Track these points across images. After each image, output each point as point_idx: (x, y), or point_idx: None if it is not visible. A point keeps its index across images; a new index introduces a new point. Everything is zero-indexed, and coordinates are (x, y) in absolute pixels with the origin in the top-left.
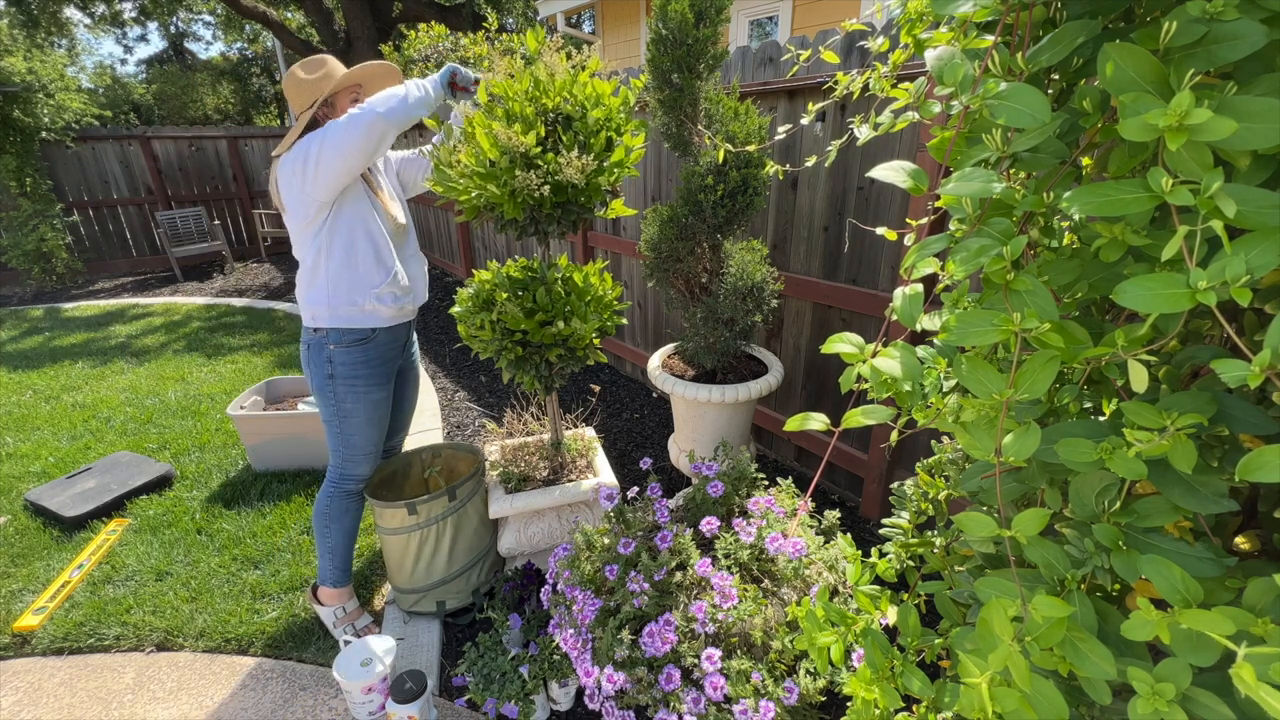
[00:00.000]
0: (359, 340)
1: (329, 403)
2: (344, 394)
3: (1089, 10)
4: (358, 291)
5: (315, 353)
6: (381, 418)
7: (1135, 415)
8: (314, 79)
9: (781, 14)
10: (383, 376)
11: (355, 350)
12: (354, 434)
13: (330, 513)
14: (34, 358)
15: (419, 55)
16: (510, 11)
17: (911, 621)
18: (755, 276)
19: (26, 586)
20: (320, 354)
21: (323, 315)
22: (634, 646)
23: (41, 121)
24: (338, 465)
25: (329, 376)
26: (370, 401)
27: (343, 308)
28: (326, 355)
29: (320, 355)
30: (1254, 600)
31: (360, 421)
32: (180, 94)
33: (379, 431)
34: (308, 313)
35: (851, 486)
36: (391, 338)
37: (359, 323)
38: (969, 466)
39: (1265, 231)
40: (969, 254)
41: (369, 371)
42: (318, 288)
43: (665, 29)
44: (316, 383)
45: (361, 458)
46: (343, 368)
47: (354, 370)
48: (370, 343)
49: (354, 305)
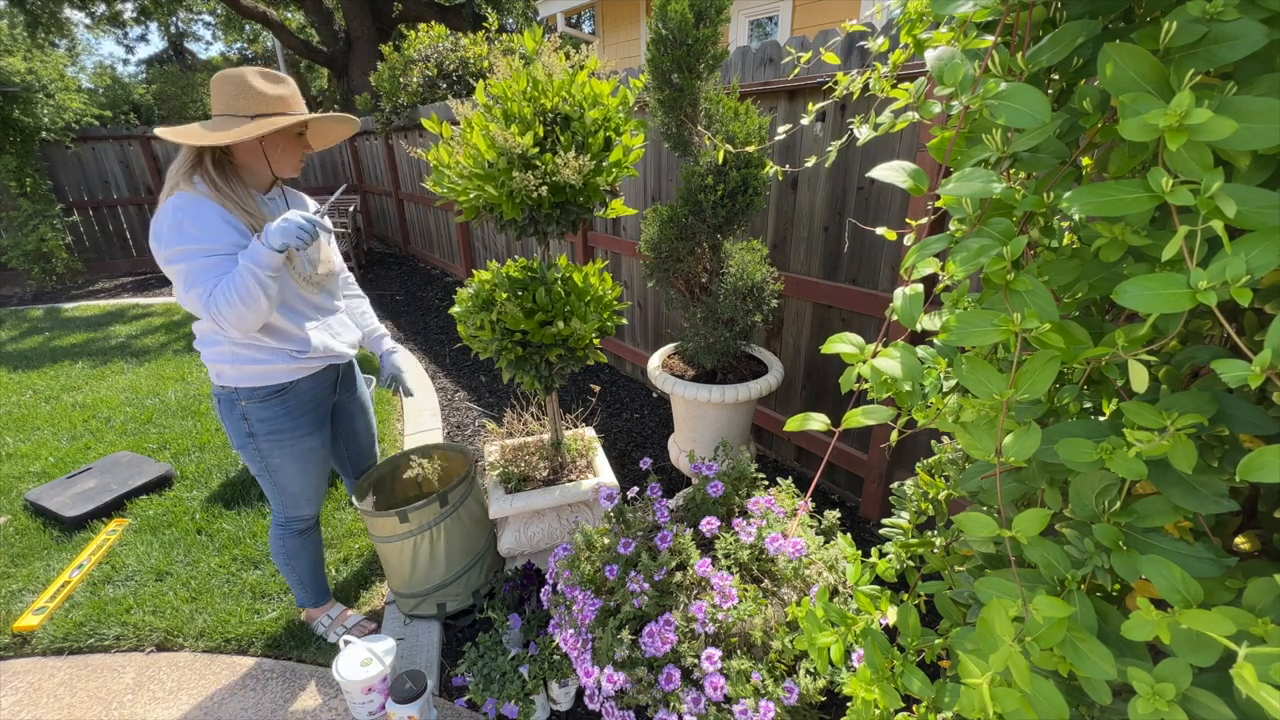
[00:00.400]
0: (275, 393)
1: (254, 460)
2: (269, 450)
3: (1089, 10)
4: (264, 353)
5: (226, 409)
6: (318, 463)
7: (1135, 415)
8: (269, 92)
9: (781, 14)
10: (311, 424)
11: (272, 404)
12: (288, 483)
13: (286, 552)
14: (34, 358)
15: (419, 55)
16: (510, 11)
17: (911, 621)
18: (755, 276)
19: (26, 586)
20: (232, 411)
21: (228, 374)
22: (634, 646)
23: (41, 121)
24: (279, 511)
25: (248, 434)
26: (299, 452)
27: (248, 366)
28: (240, 413)
29: (233, 413)
30: (1254, 600)
31: (292, 472)
32: (180, 94)
33: (318, 474)
34: (212, 369)
35: (851, 486)
36: (316, 384)
37: (271, 380)
38: (969, 466)
39: (1265, 231)
40: (969, 254)
41: (294, 423)
42: (219, 345)
43: (665, 29)
44: (236, 441)
45: (302, 502)
46: (261, 424)
47: (275, 425)
48: (289, 393)
49: (261, 364)
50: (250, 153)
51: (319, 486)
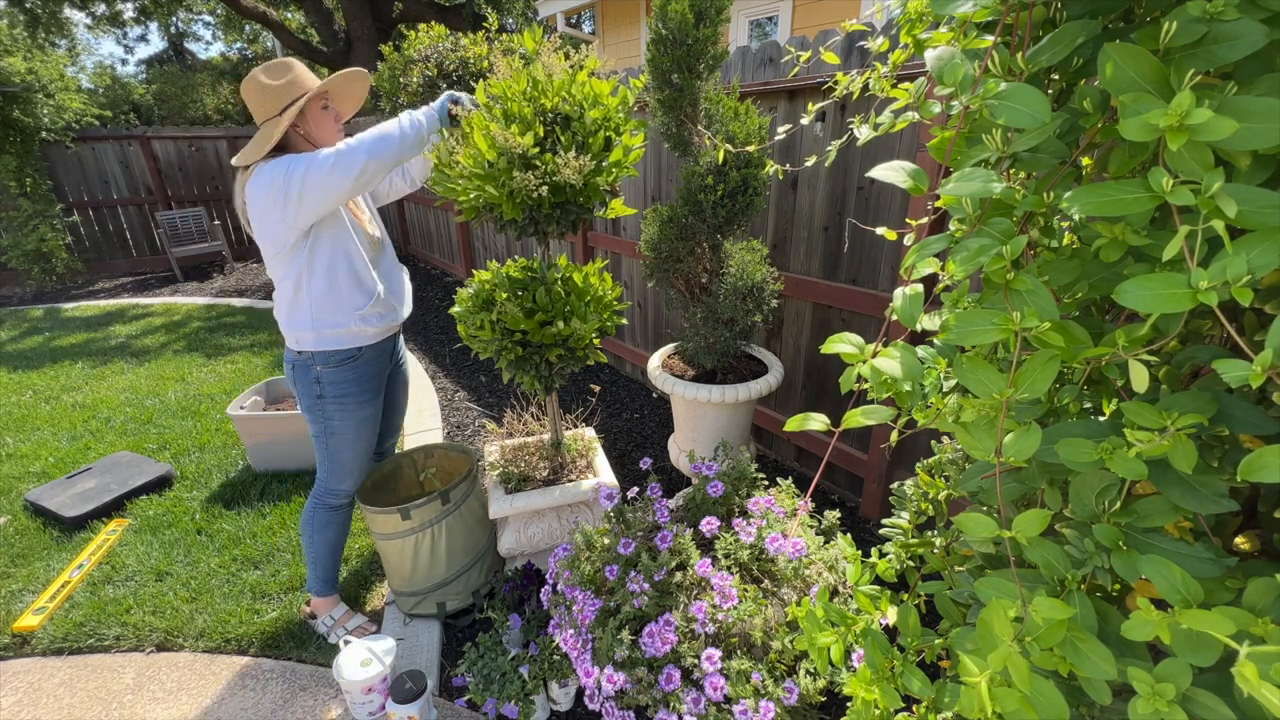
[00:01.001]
0: (347, 359)
1: (318, 421)
2: (333, 412)
3: (1089, 10)
4: (342, 314)
5: (301, 373)
6: (370, 433)
7: (1135, 415)
8: (279, 85)
9: (781, 14)
10: (372, 391)
11: (344, 369)
12: (341, 449)
13: (314, 524)
14: (34, 358)
15: (419, 55)
16: (510, 11)
17: (911, 621)
18: (755, 276)
19: (26, 587)
20: (307, 375)
21: (307, 339)
22: (634, 647)
23: (41, 121)
24: (323, 479)
25: (318, 397)
26: (359, 418)
27: (328, 330)
28: (314, 376)
29: (307, 376)
30: (1254, 600)
31: (349, 438)
32: (180, 94)
33: (366, 446)
34: (291, 336)
35: (851, 486)
36: (378, 352)
37: (346, 344)
38: (969, 466)
39: (1266, 231)
40: (969, 254)
41: (359, 389)
42: (301, 312)
43: (665, 29)
44: (305, 403)
45: (346, 473)
46: (331, 387)
47: (343, 389)
48: (358, 361)
49: (339, 328)
50: (296, 140)
51: (365, 461)
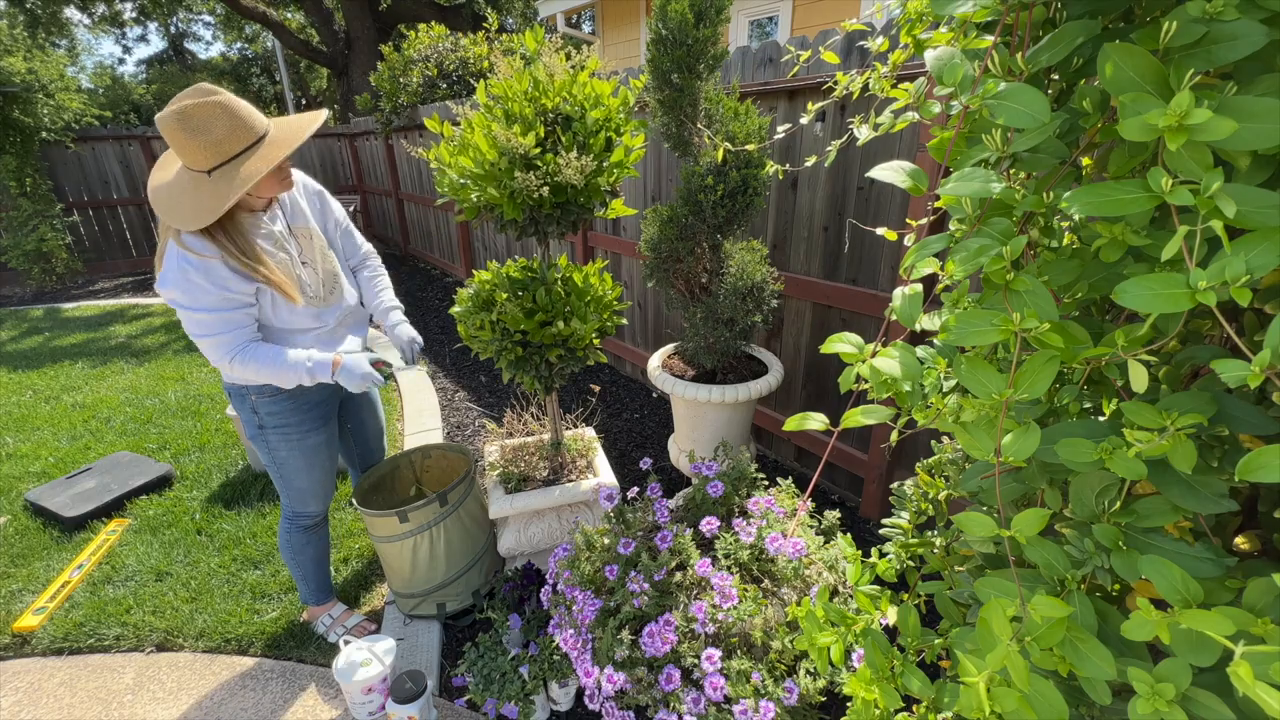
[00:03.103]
0: (282, 391)
1: (264, 452)
2: (277, 444)
3: (1089, 10)
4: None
5: (238, 403)
6: (325, 458)
7: (1135, 415)
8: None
9: (781, 14)
10: (317, 420)
11: (280, 400)
12: (294, 478)
13: (292, 546)
14: (34, 358)
15: (419, 55)
16: (510, 11)
17: (911, 621)
18: (755, 276)
19: (26, 586)
20: (244, 404)
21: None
22: (634, 647)
23: (41, 121)
24: (287, 505)
25: (259, 427)
26: (306, 447)
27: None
28: (250, 406)
29: (244, 405)
30: (1254, 600)
31: (298, 467)
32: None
33: (323, 473)
34: None
35: (851, 486)
36: (321, 384)
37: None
38: (969, 466)
39: (1265, 231)
40: (969, 254)
41: (300, 418)
42: None
43: (665, 29)
44: (249, 432)
45: (309, 498)
46: (271, 418)
47: (283, 419)
48: (295, 392)
49: None
50: None
51: (326, 485)
